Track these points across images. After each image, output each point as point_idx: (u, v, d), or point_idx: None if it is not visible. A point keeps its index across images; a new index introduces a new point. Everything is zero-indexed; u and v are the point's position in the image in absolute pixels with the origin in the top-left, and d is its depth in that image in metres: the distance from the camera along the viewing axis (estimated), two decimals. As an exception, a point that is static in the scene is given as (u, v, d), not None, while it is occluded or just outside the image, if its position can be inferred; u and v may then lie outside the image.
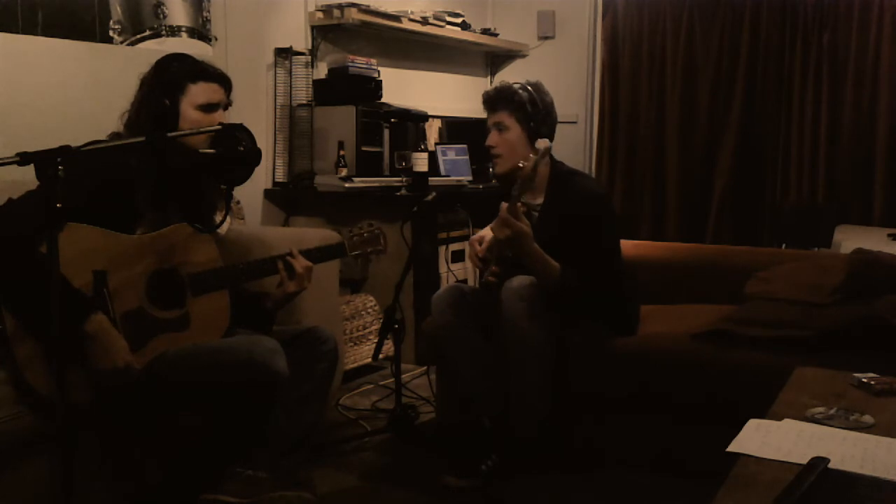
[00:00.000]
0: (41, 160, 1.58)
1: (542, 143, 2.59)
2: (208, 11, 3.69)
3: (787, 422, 1.61)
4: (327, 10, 4.18)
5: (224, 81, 2.30)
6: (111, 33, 3.30)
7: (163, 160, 2.20)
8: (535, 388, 2.58)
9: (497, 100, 2.73)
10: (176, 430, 2.33)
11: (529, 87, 2.73)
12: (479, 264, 2.69)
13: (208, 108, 2.25)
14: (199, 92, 2.23)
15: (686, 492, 2.25)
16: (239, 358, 2.11)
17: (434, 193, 3.21)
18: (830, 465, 1.37)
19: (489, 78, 5.72)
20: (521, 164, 2.51)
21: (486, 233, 2.72)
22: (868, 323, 2.51)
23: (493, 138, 2.74)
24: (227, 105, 2.31)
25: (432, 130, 4.89)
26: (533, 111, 2.70)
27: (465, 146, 4.71)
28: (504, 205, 2.53)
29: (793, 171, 5.02)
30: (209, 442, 2.21)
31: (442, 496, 2.54)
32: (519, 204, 2.51)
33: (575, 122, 5.47)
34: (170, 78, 2.23)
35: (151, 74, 2.26)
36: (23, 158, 1.58)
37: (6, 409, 2.00)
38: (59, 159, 1.58)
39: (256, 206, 4.06)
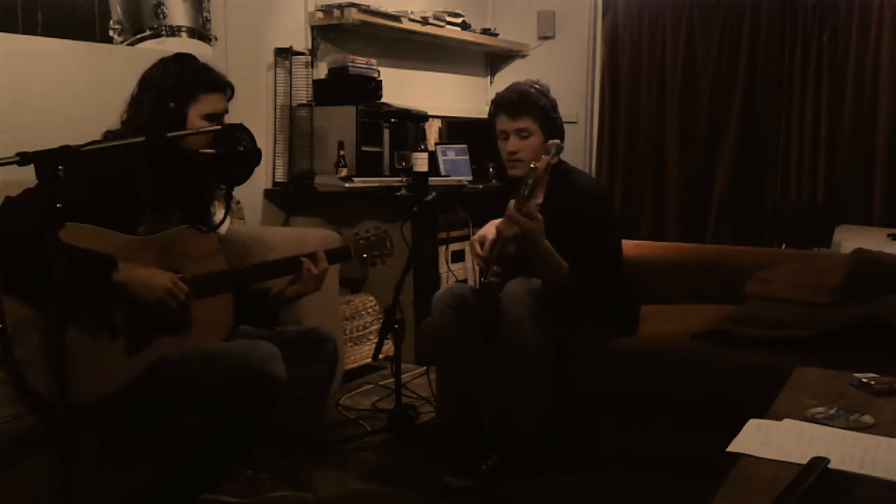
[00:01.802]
0: (41, 160, 1.58)
1: (553, 144, 2.58)
2: (208, 11, 3.69)
3: (787, 422, 1.61)
4: (327, 10, 4.18)
5: (230, 91, 2.31)
6: (111, 33, 3.30)
7: (163, 160, 2.20)
8: (535, 390, 2.57)
9: (521, 107, 2.68)
10: (176, 430, 2.33)
11: (543, 91, 2.72)
12: (483, 265, 2.68)
13: (214, 117, 2.25)
14: (209, 102, 2.24)
15: (686, 492, 2.25)
16: (237, 363, 2.11)
17: (434, 193, 3.21)
18: (830, 465, 1.38)
19: (489, 78, 5.73)
20: (533, 165, 2.50)
21: (486, 232, 2.71)
22: (868, 323, 2.51)
23: (515, 144, 2.70)
24: (226, 112, 2.31)
25: (432, 130, 4.89)
26: (553, 116, 2.70)
27: (465, 146, 4.70)
28: (512, 202, 2.51)
29: (793, 171, 5.02)
30: (209, 443, 2.22)
31: (442, 496, 2.54)
32: (531, 201, 2.50)
33: (575, 122, 5.47)
34: (182, 85, 2.21)
35: (161, 77, 2.23)
36: (23, 158, 1.58)
37: (6, 409, 2.00)
38: (59, 159, 1.58)
39: (256, 206, 4.06)
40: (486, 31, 5.29)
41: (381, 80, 4.26)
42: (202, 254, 2.26)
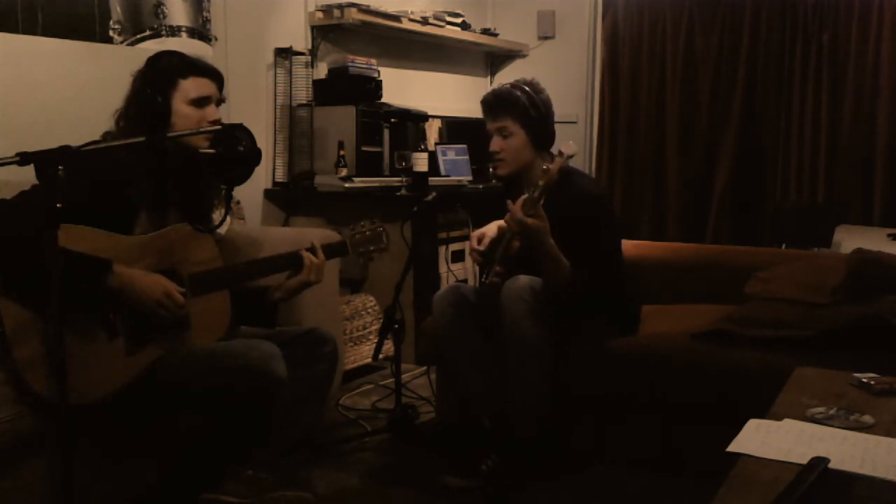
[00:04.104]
0: (41, 160, 1.58)
1: (567, 148, 2.55)
2: (208, 11, 3.69)
3: (787, 422, 1.61)
4: (327, 10, 4.18)
5: (215, 76, 2.29)
6: (111, 33, 3.30)
7: (162, 160, 2.20)
8: (534, 389, 2.57)
9: (498, 106, 2.70)
10: (176, 430, 2.33)
11: (527, 88, 2.70)
12: (479, 258, 2.68)
13: (199, 102, 2.23)
14: (190, 87, 2.23)
15: (686, 492, 2.25)
16: (237, 363, 2.11)
17: (434, 193, 3.21)
18: (830, 465, 1.37)
19: (489, 78, 5.73)
20: (546, 167, 2.48)
21: (488, 230, 2.71)
22: (868, 323, 2.51)
23: (497, 143, 2.72)
24: (219, 101, 2.30)
25: (432, 130, 4.89)
26: (535, 115, 2.68)
27: (465, 146, 4.71)
28: (520, 200, 2.49)
29: (793, 171, 5.03)
30: (209, 443, 2.22)
31: (442, 496, 2.54)
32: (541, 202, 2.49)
33: (575, 122, 5.47)
34: (160, 74, 2.22)
35: (142, 71, 2.26)
36: (23, 158, 1.58)
37: (6, 409, 2.00)
38: (59, 159, 1.58)
39: (256, 206, 4.06)
40: (486, 31, 5.29)
41: (381, 80, 4.26)
42: (199, 252, 2.26)
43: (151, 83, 2.21)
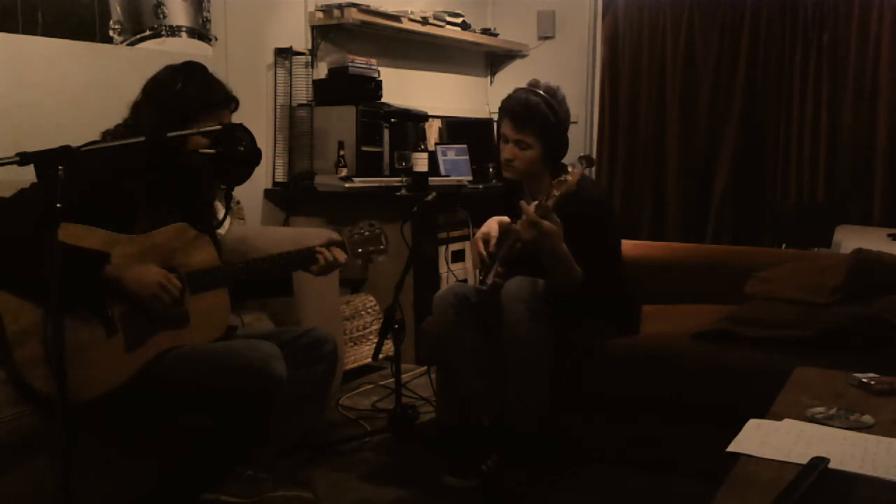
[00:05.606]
0: (41, 160, 1.58)
1: (584, 157, 2.54)
2: (208, 11, 3.69)
3: (787, 422, 1.61)
4: (327, 10, 4.18)
5: (235, 104, 2.29)
6: (111, 33, 3.30)
7: (162, 160, 2.20)
8: (533, 389, 2.57)
9: (525, 120, 2.65)
10: (176, 430, 2.33)
11: (553, 103, 2.65)
12: (482, 265, 2.67)
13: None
14: (212, 120, 2.21)
15: (686, 492, 2.25)
16: (237, 363, 2.12)
17: (434, 193, 3.21)
18: (830, 465, 1.38)
19: (489, 78, 5.73)
20: (564, 178, 2.45)
21: (489, 229, 2.70)
22: (868, 323, 2.51)
23: (512, 152, 2.68)
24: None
25: (432, 130, 4.89)
26: (556, 133, 2.66)
27: (465, 146, 4.70)
28: (528, 204, 2.47)
29: (793, 170, 5.03)
30: (209, 443, 2.22)
31: (442, 496, 2.54)
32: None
33: (575, 122, 5.45)
34: (187, 105, 2.19)
35: (167, 90, 2.21)
36: (23, 158, 1.59)
37: (6, 409, 2.00)
38: (59, 159, 1.59)
39: (256, 206, 4.06)
40: (486, 31, 5.29)
41: (381, 80, 4.26)
42: (199, 252, 2.26)
43: (177, 110, 2.18)
